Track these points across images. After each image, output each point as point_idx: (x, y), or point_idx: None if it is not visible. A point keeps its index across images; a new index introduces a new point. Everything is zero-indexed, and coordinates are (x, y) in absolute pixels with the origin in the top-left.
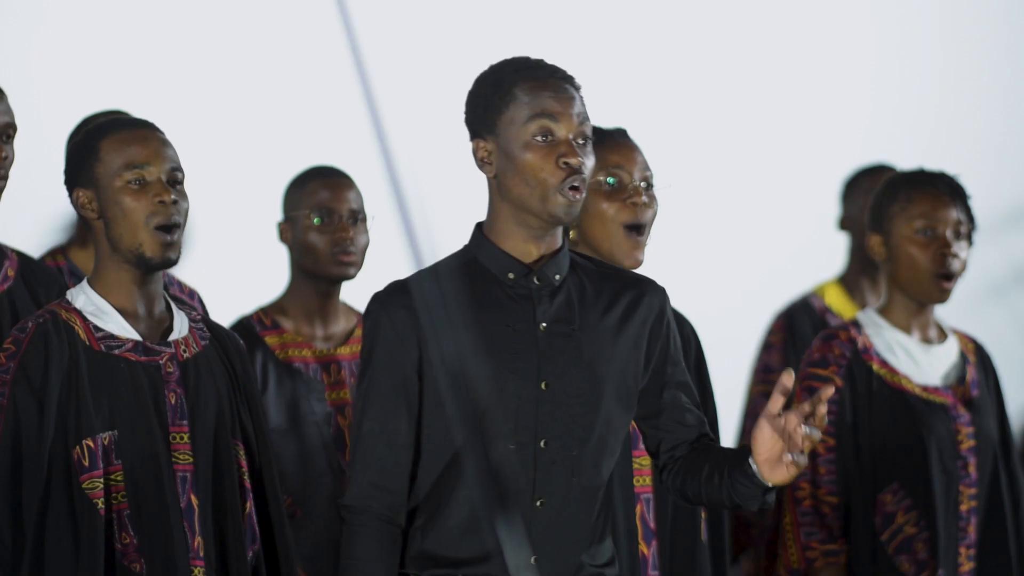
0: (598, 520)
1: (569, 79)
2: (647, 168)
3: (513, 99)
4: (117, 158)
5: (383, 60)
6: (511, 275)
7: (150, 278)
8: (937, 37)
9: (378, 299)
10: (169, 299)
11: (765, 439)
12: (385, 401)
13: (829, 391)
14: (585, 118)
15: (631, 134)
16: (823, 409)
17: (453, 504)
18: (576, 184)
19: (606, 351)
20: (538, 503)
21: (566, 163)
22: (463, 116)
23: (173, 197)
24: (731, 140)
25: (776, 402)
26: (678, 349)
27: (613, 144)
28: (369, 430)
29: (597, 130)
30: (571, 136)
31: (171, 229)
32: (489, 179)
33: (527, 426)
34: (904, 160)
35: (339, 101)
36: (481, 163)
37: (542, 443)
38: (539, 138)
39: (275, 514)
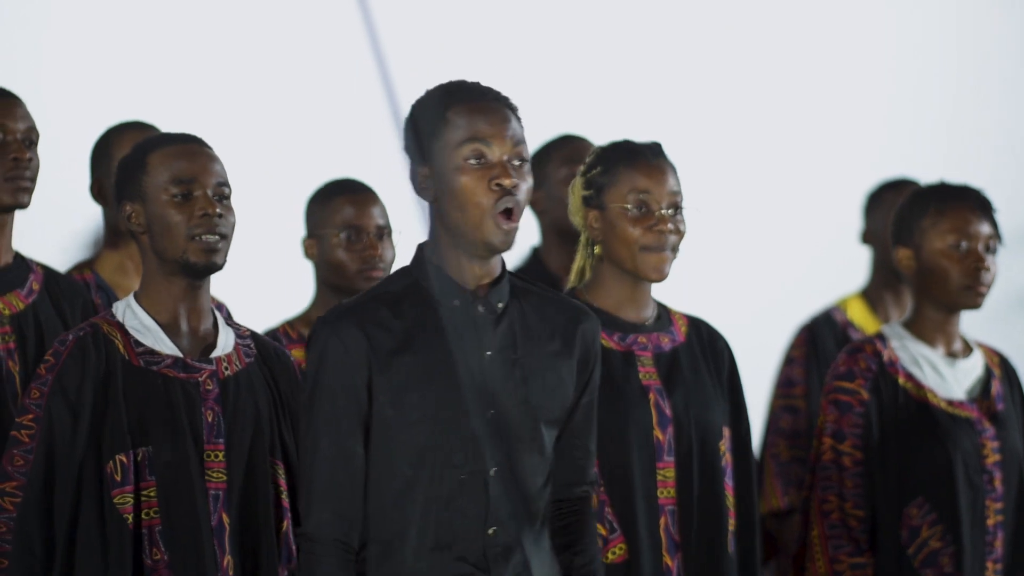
0: (543, 542)
1: (503, 100)
2: (677, 191)
3: (446, 123)
4: (164, 172)
5: (408, 71)
6: (456, 302)
7: (197, 292)
8: (955, 48)
9: (326, 321)
10: (218, 316)
11: None
12: (340, 424)
13: None
14: (520, 140)
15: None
16: None
17: (410, 534)
18: (509, 206)
19: (545, 378)
20: (491, 531)
21: (498, 184)
22: (401, 144)
23: (219, 211)
24: (749, 153)
25: None
26: (597, 382)
27: (644, 166)
28: (326, 455)
29: (629, 146)
30: (505, 158)
31: (215, 240)
32: (430, 205)
33: (477, 454)
34: (923, 172)
35: (365, 112)
36: (420, 189)
37: (492, 471)
38: (472, 161)
39: None
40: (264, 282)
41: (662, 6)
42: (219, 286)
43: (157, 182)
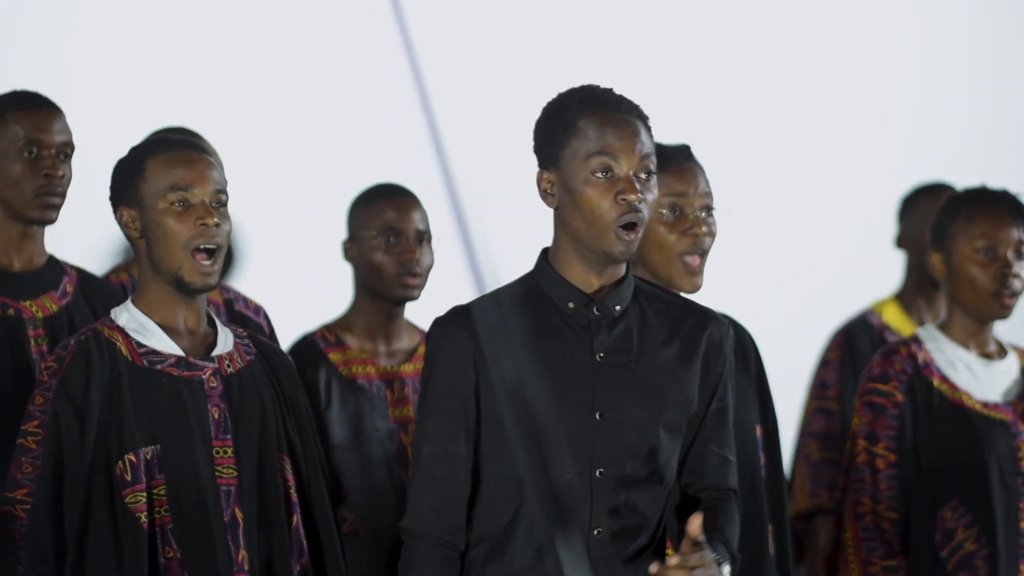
0: (654, 550)
1: (634, 110)
2: (708, 193)
3: (576, 132)
4: (162, 179)
5: (444, 78)
6: (571, 304)
7: (192, 296)
8: (986, 50)
9: (439, 323)
10: (213, 315)
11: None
12: (445, 424)
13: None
14: (649, 153)
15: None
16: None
17: (518, 533)
18: (633, 221)
19: (663, 381)
20: (596, 532)
21: (624, 200)
22: (532, 145)
23: (216, 220)
24: (784, 157)
25: (686, 544)
26: (729, 387)
27: (676, 169)
28: (429, 453)
29: (659, 150)
30: (632, 172)
31: (212, 252)
32: (554, 210)
33: (583, 455)
34: (954, 175)
35: (401, 119)
36: (544, 194)
37: (598, 472)
38: (599, 174)
39: (323, 529)
40: (303, 286)
41: (693, 10)
42: (259, 289)
43: (154, 189)
